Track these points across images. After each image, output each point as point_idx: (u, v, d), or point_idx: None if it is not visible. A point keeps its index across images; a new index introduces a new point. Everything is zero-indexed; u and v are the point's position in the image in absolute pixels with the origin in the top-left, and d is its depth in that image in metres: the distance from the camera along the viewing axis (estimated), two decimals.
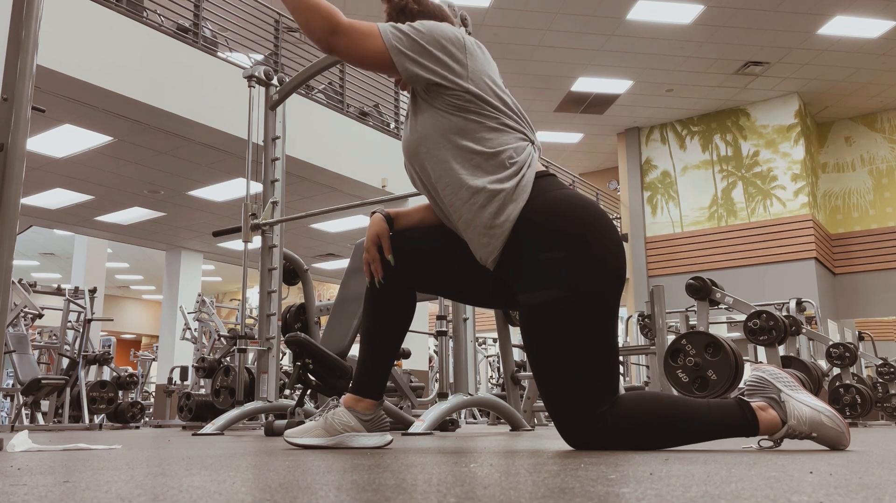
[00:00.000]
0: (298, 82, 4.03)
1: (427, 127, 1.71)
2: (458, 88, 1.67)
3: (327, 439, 1.75)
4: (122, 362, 17.69)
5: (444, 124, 1.68)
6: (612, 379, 1.58)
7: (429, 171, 1.72)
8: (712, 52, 10.65)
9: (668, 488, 0.78)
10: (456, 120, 1.68)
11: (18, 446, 1.72)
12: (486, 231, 1.64)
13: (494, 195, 1.63)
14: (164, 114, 6.65)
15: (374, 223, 1.79)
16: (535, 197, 1.63)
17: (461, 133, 1.67)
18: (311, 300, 4.25)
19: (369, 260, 1.77)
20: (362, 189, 8.66)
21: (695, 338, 3.65)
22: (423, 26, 1.70)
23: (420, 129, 1.72)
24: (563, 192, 1.66)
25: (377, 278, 1.76)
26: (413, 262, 1.76)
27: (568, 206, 1.63)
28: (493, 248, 1.64)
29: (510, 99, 1.74)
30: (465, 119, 1.67)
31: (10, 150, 1.74)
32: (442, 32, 1.70)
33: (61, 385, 6.30)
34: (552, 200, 1.63)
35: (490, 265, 1.68)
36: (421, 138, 1.72)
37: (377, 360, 1.78)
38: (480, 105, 1.68)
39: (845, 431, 1.50)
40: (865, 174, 12.80)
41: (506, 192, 1.63)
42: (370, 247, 1.76)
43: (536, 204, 1.63)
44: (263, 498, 0.73)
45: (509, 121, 1.70)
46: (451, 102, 1.68)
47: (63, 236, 13.97)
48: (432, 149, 1.70)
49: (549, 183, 1.68)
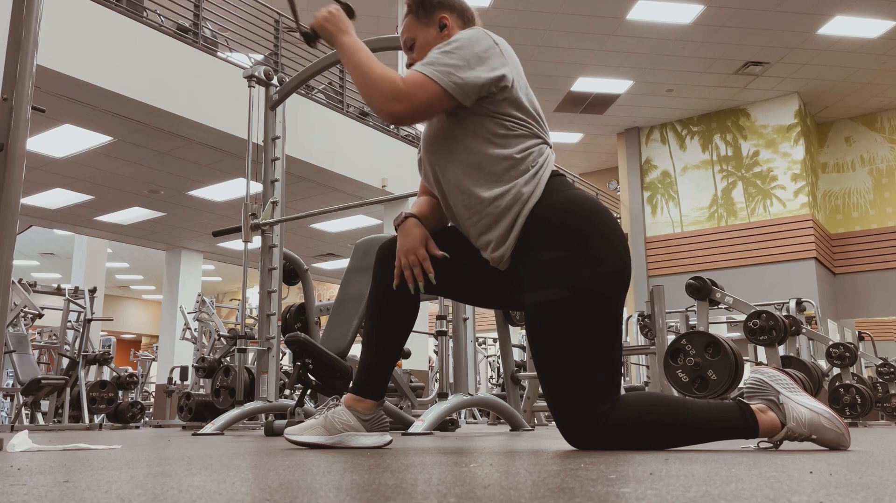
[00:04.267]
0: (298, 82, 4.03)
1: (455, 126, 1.69)
2: (501, 96, 1.66)
3: (327, 438, 1.75)
4: (122, 362, 17.69)
5: (474, 128, 1.67)
6: (614, 379, 1.59)
7: (448, 171, 1.71)
8: (712, 52, 10.65)
9: (668, 488, 0.78)
10: (489, 124, 1.66)
11: (18, 446, 1.71)
12: (504, 235, 1.64)
13: (516, 199, 1.63)
14: (164, 114, 6.65)
15: (412, 226, 1.72)
16: (546, 196, 1.64)
17: (490, 137, 1.66)
18: (311, 300, 4.25)
19: (417, 262, 1.69)
20: (362, 189, 8.66)
21: (695, 338, 3.65)
22: (460, 48, 1.65)
23: (448, 125, 1.70)
24: (572, 192, 1.67)
25: (421, 282, 1.71)
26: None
27: (576, 206, 1.63)
28: (506, 248, 1.65)
29: (535, 101, 1.74)
30: (498, 123, 1.66)
31: (10, 150, 1.74)
32: (480, 46, 1.66)
33: (61, 385, 6.30)
34: (562, 200, 1.64)
35: (502, 266, 1.68)
36: (446, 136, 1.71)
37: (379, 362, 1.78)
38: (514, 111, 1.67)
39: (845, 433, 1.50)
40: (865, 174, 12.80)
41: (525, 196, 1.63)
42: (418, 247, 1.70)
43: (546, 203, 1.63)
44: (263, 498, 0.74)
45: (534, 125, 1.70)
46: (486, 108, 1.66)
47: (63, 236, 13.97)
48: (456, 150, 1.69)
49: (560, 182, 1.68)
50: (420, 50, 1.81)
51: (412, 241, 1.71)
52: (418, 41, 1.83)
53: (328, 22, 1.76)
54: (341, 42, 1.73)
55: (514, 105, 1.67)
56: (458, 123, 1.69)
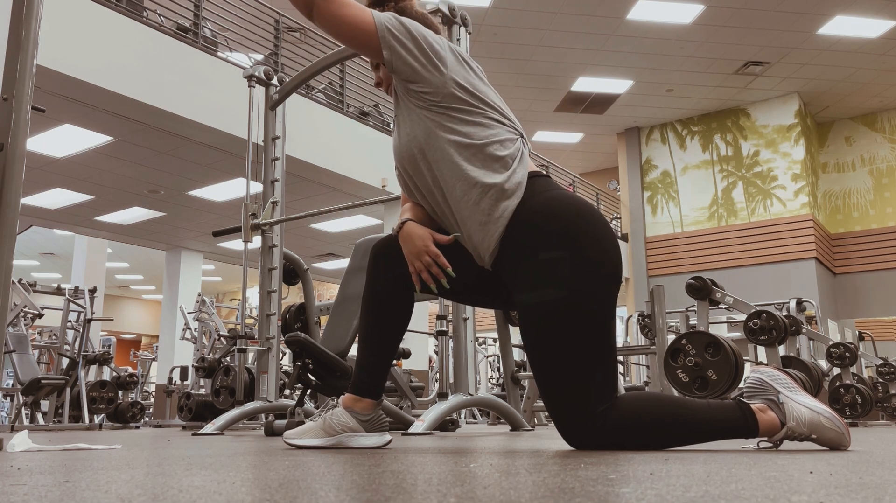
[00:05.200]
0: (298, 82, 4.03)
1: (414, 128, 1.72)
2: (438, 82, 1.68)
3: (326, 440, 1.75)
4: (122, 362, 17.70)
5: (429, 123, 1.69)
6: (611, 378, 1.58)
7: (423, 172, 1.72)
8: (712, 52, 10.65)
9: (668, 488, 0.78)
10: (439, 117, 1.69)
11: (18, 446, 1.71)
12: (481, 227, 1.65)
13: (487, 189, 1.64)
14: (164, 114, 6.65)
15: (413, 228, 1.72)
16: (530, 197, 1.64)
17: (446, 129, 1.68)
18: (311, 300, 4.25)
19: (430, 262, 1.68)
20: (362, 189, 8.66)
21: (695, 338, 3.65)
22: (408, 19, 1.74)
23: (408, 131, 1.73)
24: (559, 192, 1.67)
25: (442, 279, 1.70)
26: None
27: (563, 206, 1.63)
28: (488, 244, 1.65)
29: (495, 97, 1.76)
30: (448, 115, 1.69)
31: (10, 150, 1.74)
32: (425, 28, 1.74)
33: (61, 385, 6.30)
34: (548, 201, 1.64)
35: (487, 263, 1.68)
36: (409, 140, 1.73)
37: (376, 361, 1.78)
38: (461, 100, 1.69)
39: (845, 432, 1.50)
40: (865, 174, 12.80)
41: (498, 187, 1.64)
42: (427, 246, 1.69)
43: (532, 204, 1.63)
44: (263, 498, 0.73)
45: (493, 114, 1.71)
46: (432, 101, 1.69)
47: (63, 236, 13.98)
48: (423, 149, 1.70)
49: (544, 183, 1.69)
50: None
51: (418, 242, 1.70)
52: None
53: None
54: None
55: (462, 93, 1.69)
56: (417, 127, 1.71)
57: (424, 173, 1.72)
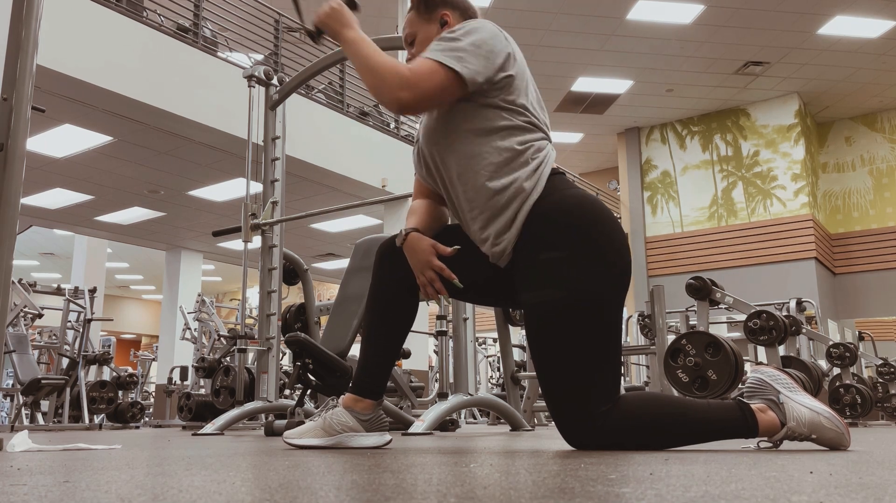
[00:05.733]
0: (298, 82, 4.03)
1: (456, 116, 1.68)
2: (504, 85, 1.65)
3: (326, 439, 1.74)
4: (122, 362, 17.69)
5: (475, 119, 1.66)
6: (613, 379, 1.58)
7: (449, 162, 1.70)
8: (712, 52, 10.65)
9: (668, 488, 0.78)
10: (490, 115, 1.66)
11: (18, 446, 1.71)
12: (504, 229, 1.64)
13: (517, 194, 1.63)
14: (164, 114, 6.65)
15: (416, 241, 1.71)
16: (547, 194, 1.64)
17: (491, 130, 1.66)
18: (311, 300, 4.25)
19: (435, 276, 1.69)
20: (362, 189, 8.66)
21: (695, 338, 3.65)
22: (468, 33, 1.66)
23: (449, 116, 1.69)
24: (573, 191, 1.67)
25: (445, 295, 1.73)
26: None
27: (579, 205, 1.63)
28: (506, 244, 1.64)
29: (538, 95, 1.75)
30: (499, 115, 1.66)
31: (10, 150, 1.74)
32: (487, 32, 1.68)
33: (61, 385, 6.30)
34: (564, 199, 1.63)
35: (502, 263, 1.68)
36: (447, 127, 1.69)
37: (378, 361, 1.78)
38: (516, 103, 1.67)
39: (845, 432, 1.50)
40: (865, 174, 12.80)
41: (526, 191, 1.63)
42: (430, 261, 1.69)
43: (548, 202, 1.63)
44: (263, 498, 0.73)
45: (536, 118, 1.70)
46: (489, 98, 1.66)
47: (63, 236, 13.97)
48: (457, 141, 1.68)
49: (560, 181, 1.68)
50: (420, 45, 1.82)
51: (422, 256, 1.70)
52: (419, 37, 1.83)
53: (331, 18, 1.75)
54: (345, 37, 1.73)
55: (518, 96, 1.67)
56: (460, 114, 1.68)
57: (451, 165, 1.70)
